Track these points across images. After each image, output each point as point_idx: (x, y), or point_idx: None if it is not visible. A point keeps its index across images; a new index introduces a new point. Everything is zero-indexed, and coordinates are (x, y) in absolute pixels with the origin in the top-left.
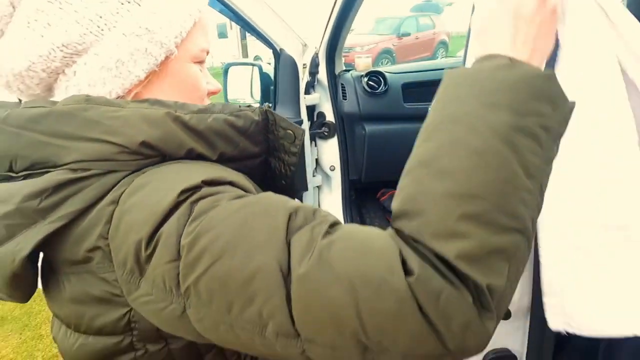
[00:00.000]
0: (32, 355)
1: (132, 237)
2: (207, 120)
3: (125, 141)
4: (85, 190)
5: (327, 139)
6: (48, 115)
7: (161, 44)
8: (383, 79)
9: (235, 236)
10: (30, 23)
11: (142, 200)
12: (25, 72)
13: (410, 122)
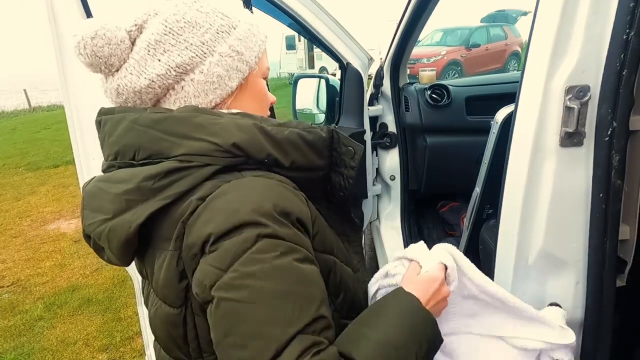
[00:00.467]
0: (112, 334)
1: (206, 230)
2: (284, 132)
3: (221, 141)
4: (186, 177)
5: (388, 149)
6: (167, 119)
7: (246, 63)
8: (446, 91)
9: (270, 299)
10: (150, 50)
11: (222, 206)
12: (144, 89)
13: (472, 134)
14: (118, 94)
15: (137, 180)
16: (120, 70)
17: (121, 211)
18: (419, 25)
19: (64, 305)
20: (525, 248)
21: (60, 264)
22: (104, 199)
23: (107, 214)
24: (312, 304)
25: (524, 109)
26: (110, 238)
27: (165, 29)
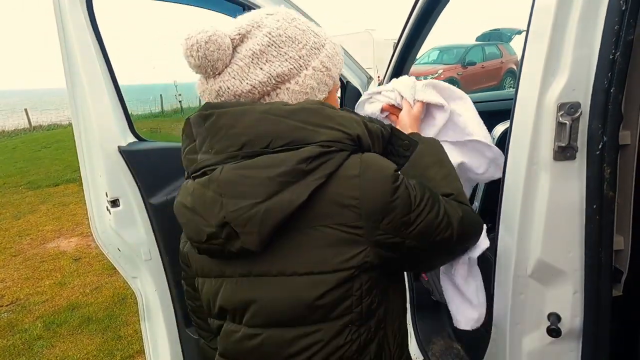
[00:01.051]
0: (112, 353)
1: (384, 199)
2: (374, 126)
3: (350, 131)
4: (331, 160)
5: None
6: (302, 110)
7: (332, 78)
8: None
9: (433, 201)
10: (254, 59)
11: (374, 175)
12: (244, 93)
13: None
14: (217, 95)
15: (292, 163)
16: (223, 74)
17: (275, 193)
18: (417, 44)
19: (64, 324)
20: (524, 259)
21: (60, 283)
22: (250, 184)
23: (257, 198)
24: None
25: (519, 124)
26: (265, 219)
27: (269, 41)
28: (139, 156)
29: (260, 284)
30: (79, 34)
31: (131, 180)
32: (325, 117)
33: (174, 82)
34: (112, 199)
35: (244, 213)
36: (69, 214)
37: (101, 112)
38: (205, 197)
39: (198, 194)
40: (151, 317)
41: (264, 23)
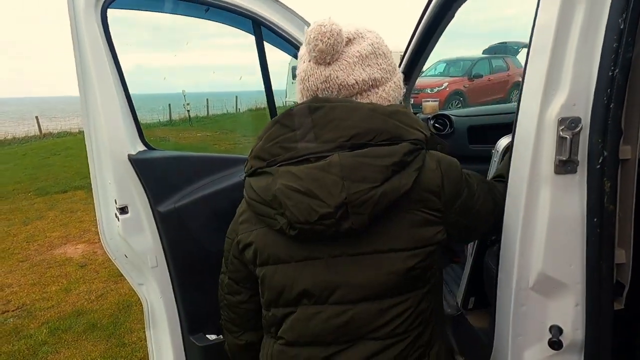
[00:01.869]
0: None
1: (457, 186)
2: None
3: (426, 133)
4: (420, 155)
5: None
6: (399, 112)
7: (401, 94)
8: (449, 121)
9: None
10: (360, 60)
11: (448, 168)
12: (347, 86)
13: (474, 163)
14: (323, 82)
15: (400, 155)
16: (333, 64)
17: (388, 179)
18: (424, 56)
19: (69, 330)
20: (525, 271)
21: (66, 289)
22: (368, 170)
23: (374, 183)
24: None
25: (521, 138)
26: (380, 201)
27: (372, 50)
28: (148, 164)
29: (352, 263)
30: (92, 43)
31: (140, 188)
32: (413, 120)
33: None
34: (120, 206)
35: (363, 195)
36: (76, 220)
37: (112, 120)
38: (325, 179)
39: (314, 177)
40: (156, 325)
41: (367, 36)
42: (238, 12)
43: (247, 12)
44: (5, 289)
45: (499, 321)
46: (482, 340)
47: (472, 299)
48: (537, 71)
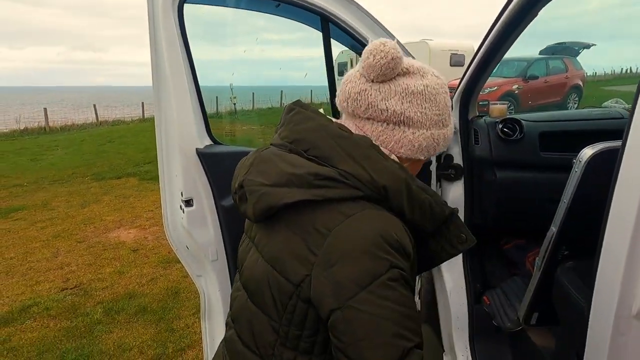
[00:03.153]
0: (165, 345)
1: (346, 246)
2: (422, 195)
3: (376, 178)
4: (338, 188)
5: (452, 180)
6: (348, 139)
7: (434, 151)
8: (519, 126)
9: (400, 318)
10: (403, 93)
11: (359, 229)
12: (374, 109)
13: (545, 171)
14: (357, 93)
15: (305, 171)
16: (374, 84)
17: (280, 185)
18: (496, 59)
19: (121, 311)
20: (629, 297)
21: (119, 271)
22: (271, 168)
23: (267, 180)
24: (419, 328)
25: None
26: (260, 199)
27: (423, 90)
28: (214, 159)
29: (253, 255)
30: (169, 38)
31: (205, 182)
32: (363, 155)
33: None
34: (186, 199)
35: (253, 185)
36: (128, 206)
37: (183, 114)
38: (246, 161)
39: (248, 157)
40: (212, 317)
41: (428, 77)
42: (307, 7)
43: (316, 8)
44: (65, 268)
45: (590, 351)
46: None
47: (536, 314)
48: None
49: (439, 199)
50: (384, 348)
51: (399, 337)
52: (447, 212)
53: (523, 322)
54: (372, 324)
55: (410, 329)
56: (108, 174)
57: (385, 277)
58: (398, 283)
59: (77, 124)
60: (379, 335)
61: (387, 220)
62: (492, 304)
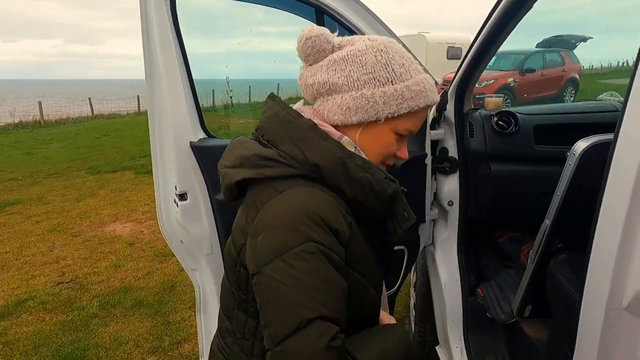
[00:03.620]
0: (161, 338)
1: (269, 218)
2: (359, 174)
3: (310, 157)
4: (275, 167)
5: (448, 174)
6: (291, 122)
7: (377, 114)
8: (514, 119)
9: (307, 288)
10: (328, 65)
11: (285, 203)
12: (307, 86)
13: (540, 164)
14: (299, 79)
15: (252, 153)
16: (308, 66)
17: (234, 166)
18: (490, 52)
19: (118, 305)
20: (619, 289)
21: (115, 265)
22: (233, 153)
23: (228, 164)
24: (337, 302)
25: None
26: (223, 179)
27: (346, 56)
28: (208, 152)
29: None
30: (161, 29)
31: (199, 175)
32: (301, 137)
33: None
34: (180, 193)
35: (220, 168)
36: (124, 200)
37: (177, 107)
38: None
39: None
40: (207, 310)
41: (357, 44)
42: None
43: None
44: (61, 262)
45: (581, 343)
46: (539, 353)
47: (530, 307)
48: None
49: (381, 177)
50: (285, 313)
51: (301, 306)
52: (389, 191)
53: (517, 314)
54: (278, 290)
55: (318, 301)
56: (104, 167)
57: (299, 249)
58: (313, 256)
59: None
60: (282, 301)
61: (314, 196)
62: (487, 296)
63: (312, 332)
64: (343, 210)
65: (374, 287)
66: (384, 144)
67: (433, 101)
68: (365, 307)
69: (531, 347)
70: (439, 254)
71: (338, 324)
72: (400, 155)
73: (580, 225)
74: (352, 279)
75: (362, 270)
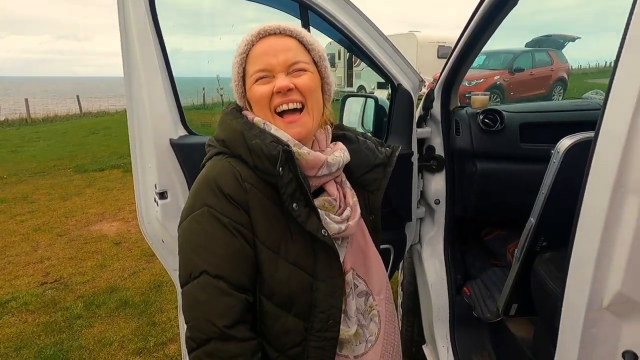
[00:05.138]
0: (146, 339)
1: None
2: (252, 141)
3: (220, 135)
4: (210, 151)
5: (434, 172)
6: (224, 112)
7: (236, 74)
8: (500, 117)
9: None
10: None
11: (197, 180)
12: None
13: (525, 163)
14: None
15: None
16: None
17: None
18: (476, 50)
19: (102, 305)
20: (599, 290)
21: (101, 265)
22: None
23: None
24: (221, 260)
25: (606, 141)
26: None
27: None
28: (189, 150)
29: None
30: (139, 23)
31: (180, 173)
32: (221, 120)
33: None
34: (160, 191)
35: None
36: (112, 198)
37: (156, 104)
38: None
39: None
40: None
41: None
42: None
43: None
44: (45, 262)
45: (563, 342)
46: (525, 351)
47: (515, 305)
48: (631, 65)
49: (268, 140)
50: (181, 265)
51: (190, 260)
52: (274, 152)
53: (502, 313)
54: (180, 246)
55: (201, 257)
56: (91, 166)
57: (196, 213)
58: (205, 219)
59: (60, 115)
60: (181, 254)
61: (216, 167)
62: (473, 294)
63: (197, 283)
64: (240, 177)
65: (303, 269)
66: (257, 99)
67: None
68: (292, 288)
69: (516, 346)
70: (425, 252)
71: (226, 281)
72: (276, 89)
73: (565, 223)
74: (261, 250)
75: (273, 244)
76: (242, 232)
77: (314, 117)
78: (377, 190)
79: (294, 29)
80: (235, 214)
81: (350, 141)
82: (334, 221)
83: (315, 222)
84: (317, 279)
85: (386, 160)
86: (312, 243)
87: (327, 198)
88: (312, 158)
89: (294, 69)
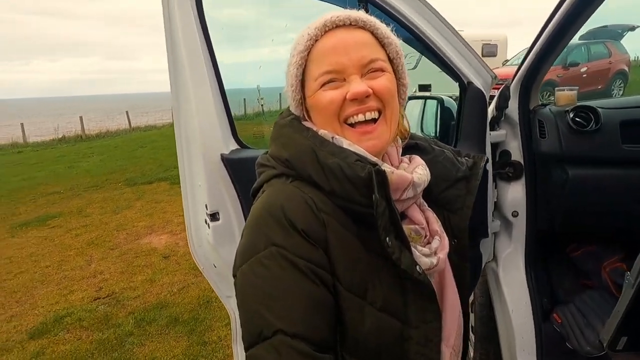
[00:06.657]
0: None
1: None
2: (328, 160)
3: (282, 153)
4: (263, 173)
5: (511, 180)
6: (275, 124)
7: (291, 77)
8: (594, 114)
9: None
10: None
11: (251, 214)
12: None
13: (628, 167)
14: None
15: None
16: None
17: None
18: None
19: (153, 322)
20: None
21: (151, 279)
22: None
23: None
24: (301, 314)
25: None
26: None
27: None
28: (242, 165)
29: None
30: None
31: (232, 191)
32: (277, 134)
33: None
34: (211, 212)
35: None
36: (160, 211)
37: (205, 117)
38: None
39: None
40: None
41: None
42: None
43: None
44: (98, 276)
45: None
46: None
47: (624, 338)
48: None
49: (352, 159)
50: (247, 322)
51: (259, 316)
52: (362, 174)
53: (608, 346)
54: (243, 297)
55: (274, 312)
56: (140, 179)
57: (262, 254)
58: (274, 262)
59: (111, 131)
60: (245, 307)
61: (282, 194)
62: (565, 322)
63: (270, 347)
64: (315, 207)
65: (393, 315)
66: (320, 107)
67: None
68: (381, 340)
69: None
70: (502, 272)
71: (309, 342)
72: (349, 96)
73: None
74: (345, 298)
75: (358, 288)
76: (322, 277)
77: (392, 127)
78: (461, 210)
79: (367, 19)
80: (312, 254)
81: (425, 152)
82: (423, 254)
83: (409, 258)
84: (408, 325)
85: (468, 173)
86: (401, 282)
87: (413, 227)
88: (397, 178)
89: (370, 69)
